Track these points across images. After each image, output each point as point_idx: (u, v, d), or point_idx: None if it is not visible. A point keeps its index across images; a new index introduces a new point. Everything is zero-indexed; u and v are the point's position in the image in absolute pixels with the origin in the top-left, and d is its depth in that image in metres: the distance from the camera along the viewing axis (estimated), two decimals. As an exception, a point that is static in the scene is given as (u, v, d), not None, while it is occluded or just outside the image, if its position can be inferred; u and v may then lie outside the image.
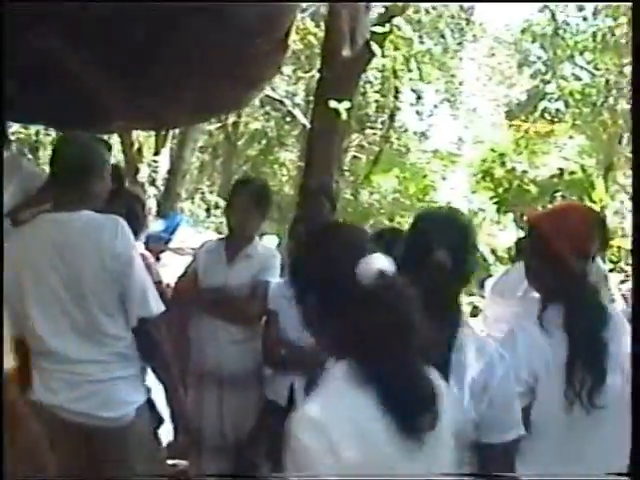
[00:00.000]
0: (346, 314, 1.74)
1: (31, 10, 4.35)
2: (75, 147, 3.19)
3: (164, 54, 5.00)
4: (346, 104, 8.02)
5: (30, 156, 16.98)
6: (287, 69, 17.62)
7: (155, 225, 6.97)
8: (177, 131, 16.42)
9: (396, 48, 9.48)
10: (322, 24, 16.06)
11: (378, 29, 8.31)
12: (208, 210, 19.19)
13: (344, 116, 8.08)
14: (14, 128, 15.16)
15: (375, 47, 8.18)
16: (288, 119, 21.26)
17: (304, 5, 13.04)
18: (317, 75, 15.70)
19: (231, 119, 20.28)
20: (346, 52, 8.46)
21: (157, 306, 3.09)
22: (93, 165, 3.16)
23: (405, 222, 14.19)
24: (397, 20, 8.44)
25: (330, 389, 1.76)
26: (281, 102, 19.44)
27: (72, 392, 3.00)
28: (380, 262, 1.75)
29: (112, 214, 3.13)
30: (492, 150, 12.29)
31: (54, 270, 2.99)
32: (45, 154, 17.51)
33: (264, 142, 23.25)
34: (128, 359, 3.08)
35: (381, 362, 1.71)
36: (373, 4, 9.33)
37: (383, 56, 8.51)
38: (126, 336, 3.08)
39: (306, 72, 19.04)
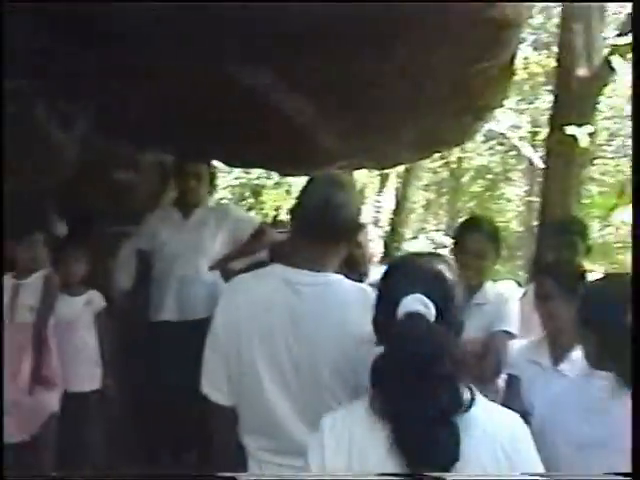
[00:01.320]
0: (384, 344, 1.89)
1: (242, 49, 4.21)
2: (333, 192, 2.43)
3: (380, 89, 4.81)
4: (587, 128, 6.95)
5: (252, 200, 16.97)
6: (510, 101, 16.64)
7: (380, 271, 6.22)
8: (401, 169, 15.90)
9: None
10: (544, 52, 15.19)
11: (620, 41, 7.19)
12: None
13: (584, 142, 7.03)
14: (235, 173, 15.22)
15: (616, 62, 7.08)
16: (513, 153, 20.25)
17: (524, 35, 12.22)
18: (542, 106, 14.73)
19: (455, 155, 19.53)
20: (582, 71, 7.47)
21: None
22: (353, 220, 2.48)
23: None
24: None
25: (351, 409, 1.94)
26: (505, 136, 18.47)
27: None
28: (417, 303, 1.85)
29: None
30: None
31: (284, 341, 2.37)
32: (267, 197, 17.50)
33: (489, 177, 22.32)
34: None
35: (400, 402, 1.76)
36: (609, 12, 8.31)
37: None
38: None
39: (530, 103, 18.01)
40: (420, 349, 1.78)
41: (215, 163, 6.90)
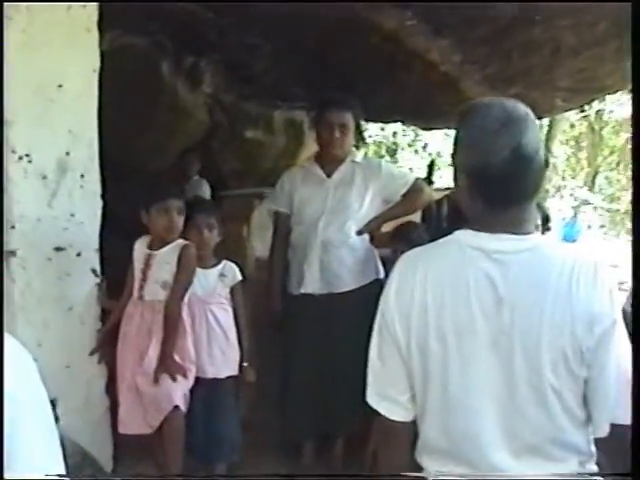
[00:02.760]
0: None
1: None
2: (520, 130, 1.79)
3: (531, 31, 4.51)
4: None
5: (387, 158, 16.36)
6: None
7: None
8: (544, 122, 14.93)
9: None
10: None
11: None
12: (577, 207, 17.44)
13: None
14: (371, 130, 14.68)
15: None
16: (661, 102, 18.88)
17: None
18: None
19: (595, 107, 18.35)
20: None
21: None
22: (545, 160, 1.84)
23: None
24: None
25: None
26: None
27: None
28: None
29: None
30: None
31: (488, 330, 1.77)
32: (402, 155, 16.92)
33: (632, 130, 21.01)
34: None
35: None
36: None
37: None
38: (588, 451, 1.80)
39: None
40: None
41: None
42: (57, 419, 3.42)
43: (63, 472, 1.47)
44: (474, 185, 1.84)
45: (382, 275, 4.19)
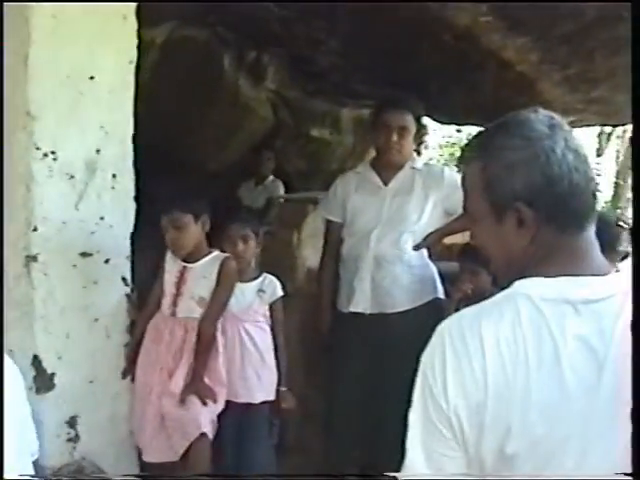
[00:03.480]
0: None
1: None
2: (576, 145, 1.48)
3: (615, 27, 4.13)
4: None
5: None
6: None
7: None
8: (622, 129, 14.29)
9: None
10: None
11: None
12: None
13: None
14: (446, 131, 14.23)
15: None
16: None
17: None
18: None
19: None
20: None
21: None
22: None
23: None
24: None
25: None
26: None
27: None
28: None
29: None
30: None
31: (585, 401, 1.32)
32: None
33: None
34: None
35: None
36: None
37: None
38: None
39: None
40: None
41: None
42: (78, 438, 3.26)
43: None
44: (541, 210, 1.43)
45: (441, 294, 3.78)
